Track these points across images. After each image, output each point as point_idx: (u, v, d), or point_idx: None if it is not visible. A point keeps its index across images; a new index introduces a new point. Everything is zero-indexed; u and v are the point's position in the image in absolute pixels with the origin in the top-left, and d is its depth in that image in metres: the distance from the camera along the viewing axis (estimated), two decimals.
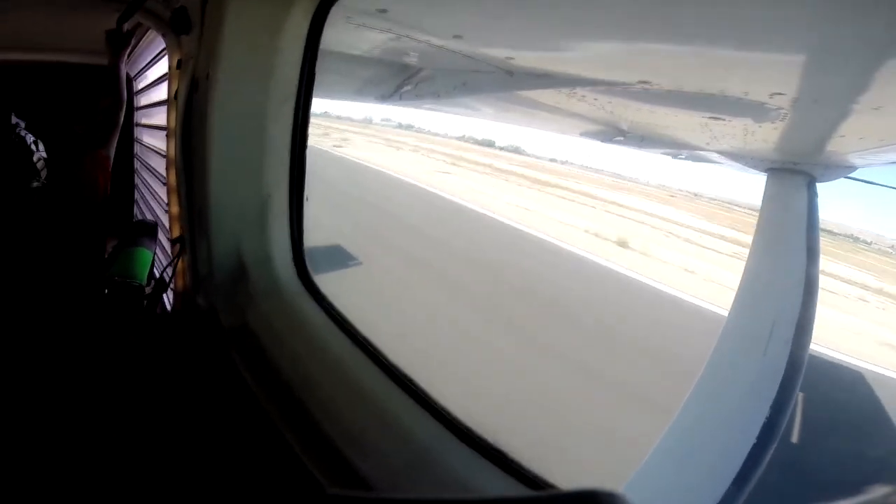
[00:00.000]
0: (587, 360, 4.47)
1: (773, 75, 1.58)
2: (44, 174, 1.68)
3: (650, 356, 4.43)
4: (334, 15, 1.20)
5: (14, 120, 1.71)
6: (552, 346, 4.54)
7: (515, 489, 0.72)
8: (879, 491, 0.37)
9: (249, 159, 1.18)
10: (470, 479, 0.75)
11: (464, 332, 4.82)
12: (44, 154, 1.70)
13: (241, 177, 1.19)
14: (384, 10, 1.66)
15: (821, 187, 3.04)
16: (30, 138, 1.68)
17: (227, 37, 1.15)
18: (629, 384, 4.00)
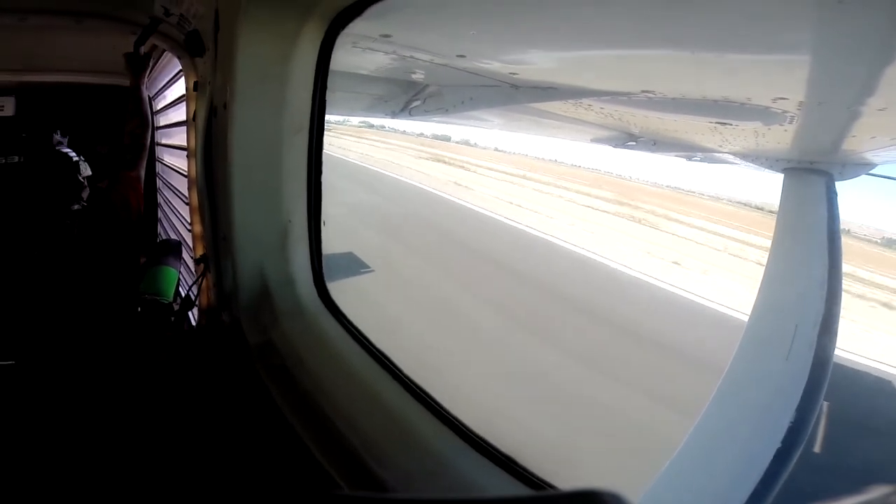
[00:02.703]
0: (608, 364, 4.43)
1: (775, 81, 1.59)
2: (85, 194, 1.76)
3: (671, 360, 4.37)
4: (341, 41, 1.26)
5: (57, 138, 1.80)
6: (569, 349, 4.53)
7: (522, 492, 0.76)
8: (879, 491, 0.37)
9: (269, 186, 1.25)
10: (483, 485, 0.80)
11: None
12: (88, 172, 1.78)
13: (262, 203, 1.26)
14: (388, 35, 1.73)
15: (840, 185, 2.98)
16: (73, 155, 1.76)
17: (240, 66, 1.19)
18: (652, 389, 3.95)
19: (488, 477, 0.79)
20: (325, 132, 1.28)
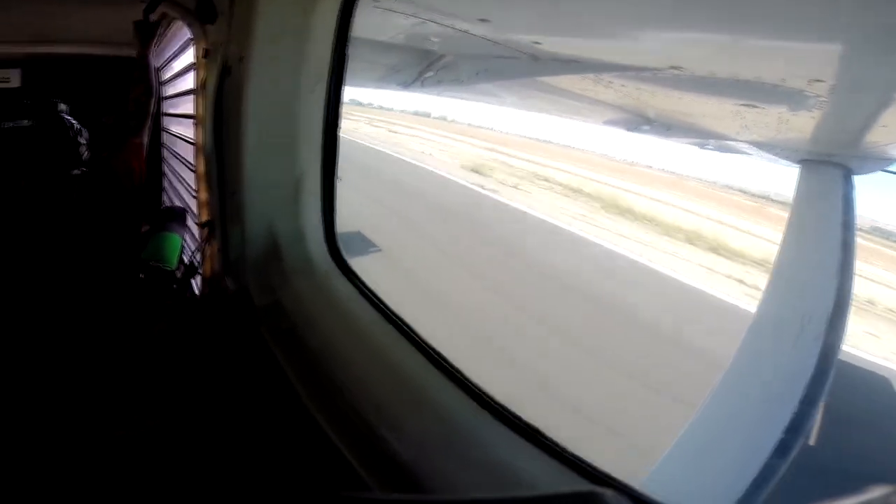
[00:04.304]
0: (612, 350, 4.44)
1: (813, 61, 1.52)
2: (85, 156, 1.74)
3: (677, 349, 4.38)
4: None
5: (60, 106, 1.78)
6: (578, 337, 4.54)
7: (549, 465, 0.72)
8: (879, 491, 0.36)
9: (283, 140, 1.20)
10: (504, 455, 0.76)
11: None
12: (86, 139, 1.76)
13: (274, 157, 1.21)
14: None
15: (858, 180, 2.92)
16: (75, 124, 1.74)
17: (259, 19, 1.16)
18: (656, 377, 3.96)
19: (511, 448, 0.76)
20: None
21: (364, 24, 2.12)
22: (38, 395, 1.47)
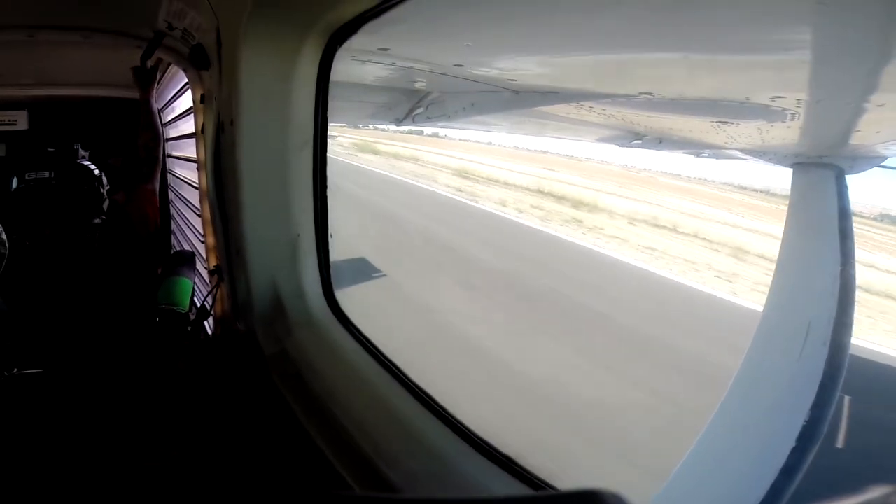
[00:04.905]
0: (616, 364, 4.41)
1: (770, 79, 1.59)
2: (106, 206, 1.83)
3: (681, 358, 4.33)
4: (341, 54, 1.29)
5: (81, 152, 1.87)
6: (574, 346, 4.51)
7: (524, 492, 0.79)
8: (879, 491, 0.39)
9: (278, 200, 1.30)
10: (485, 485, 0.83)
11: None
12: (107, 187, 1.85)
13: (271, 217, 1.31)
14: (386, 49, 1.77)
15: (851, 179, 2.94)
16: (95, 170, 1.82)
17: (244, 82, 1.22)
18: (662, 388, 3.92)
19: (490, 478, 0.83)
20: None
21: (349, 73, 2.24)
22: (71, 428, 1.55)
